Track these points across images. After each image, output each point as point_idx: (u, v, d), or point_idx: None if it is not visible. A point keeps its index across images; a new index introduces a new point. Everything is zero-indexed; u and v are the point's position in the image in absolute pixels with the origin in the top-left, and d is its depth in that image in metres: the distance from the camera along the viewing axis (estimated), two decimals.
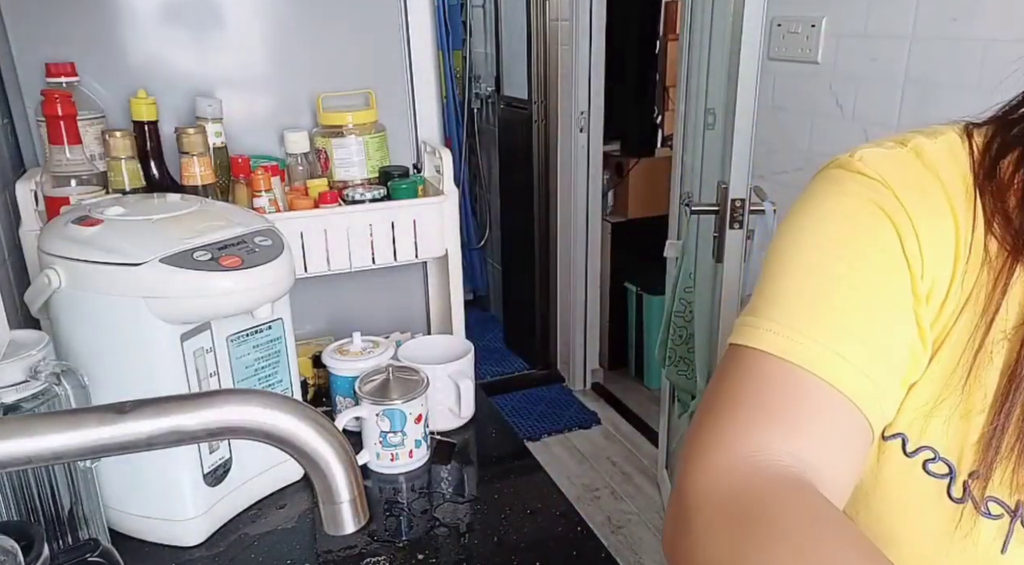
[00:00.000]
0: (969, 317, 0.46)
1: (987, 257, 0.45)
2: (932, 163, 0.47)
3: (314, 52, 1.29)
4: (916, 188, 0.47)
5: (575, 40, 2.93)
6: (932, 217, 0.46)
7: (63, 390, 0.75)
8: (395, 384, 1.05)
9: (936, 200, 0.46)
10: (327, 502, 0.40)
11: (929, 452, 0.46)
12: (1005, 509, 0.44)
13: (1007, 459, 0.43)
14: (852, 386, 0.45)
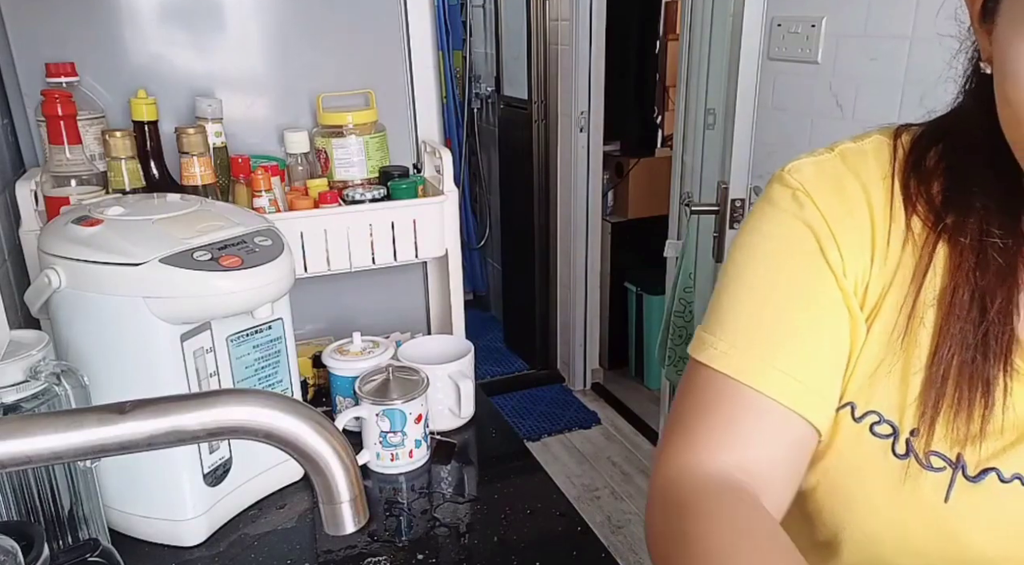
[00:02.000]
0: (899, 289, 0.51)
1: (911, 235, 0.51)
2: (853, 163, 0.54)
3: (314, 52, 1.29)
4: (835, 190, 0.53)
5: (575, 40, 2.93)
6: (848, 216, 0.53)
7: (63, 390, 0.75)
8: (395, 384, 1.05)
9: (853, 197, 0.53)
10: (327, 502, 0.40)
11: (875, 416, 0.51)
12: (947, 462, 0.48)
13: (945, 415, 0.47)
14: (790, 396, 0.51)
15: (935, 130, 0.54)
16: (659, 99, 3.25)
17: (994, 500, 0.47)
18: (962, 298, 0.48)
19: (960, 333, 0.48)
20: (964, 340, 0.48)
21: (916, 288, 0.50)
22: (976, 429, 0.47)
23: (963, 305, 0.48)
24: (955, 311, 0.49)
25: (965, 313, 0.48)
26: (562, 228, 3.28)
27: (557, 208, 3.27)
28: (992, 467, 0.47)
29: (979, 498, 0.47)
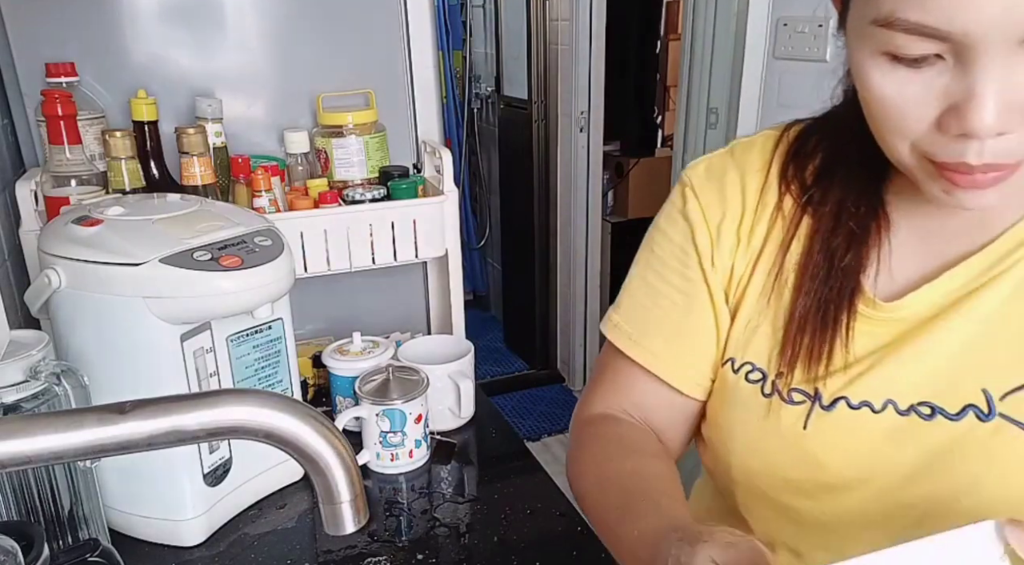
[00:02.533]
0: (768, 257, 0.61)
1: (780, 213, 0.60)
2: (740, 156, 0.64)
3: (314, 52, 1.29)
4: (716, 184, 0.64)
5: (575, 40, 2.93)
6: (721, 205, 0.63)
7: (63, 390, 0.75)
8: (395, 384, 1.05)
9: (730, 187, 0.63)
10: (327, 502, 0.40)
11: (749, 366, 0.60)
12: (806, 396, 0.56)
13: (803, 357, 0.56)
14: (655, 367, 0.66)
15: (819, 122, 0.62)
16: (660, 99, 3.25)
17: (844, 425, 0.54)
18: (815, 258, 0.57)
19: (812, 287, 0.57)
20: (815, 293, 0.56)
21: (782, 255, 0.59)
22: (828, 366, 0.56)
23: (816, 264, 0.57)
24: (808, 270, 0.57)
25: (816, 270, 0.57)
26: (562, 228, 3.28)
27: (557, 208, 3.27)
28: (842, 396, 0.55)
29: (831, 423, 0.55)
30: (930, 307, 0.53)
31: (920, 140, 0.46)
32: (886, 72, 0.45)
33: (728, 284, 0.63)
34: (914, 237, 0.56)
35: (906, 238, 0.56)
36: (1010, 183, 0.46)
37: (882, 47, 0.44)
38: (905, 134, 0.47)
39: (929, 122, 0.45)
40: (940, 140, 0.45)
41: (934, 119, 0.45)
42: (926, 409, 0.52)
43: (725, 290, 0.63)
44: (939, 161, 0.46)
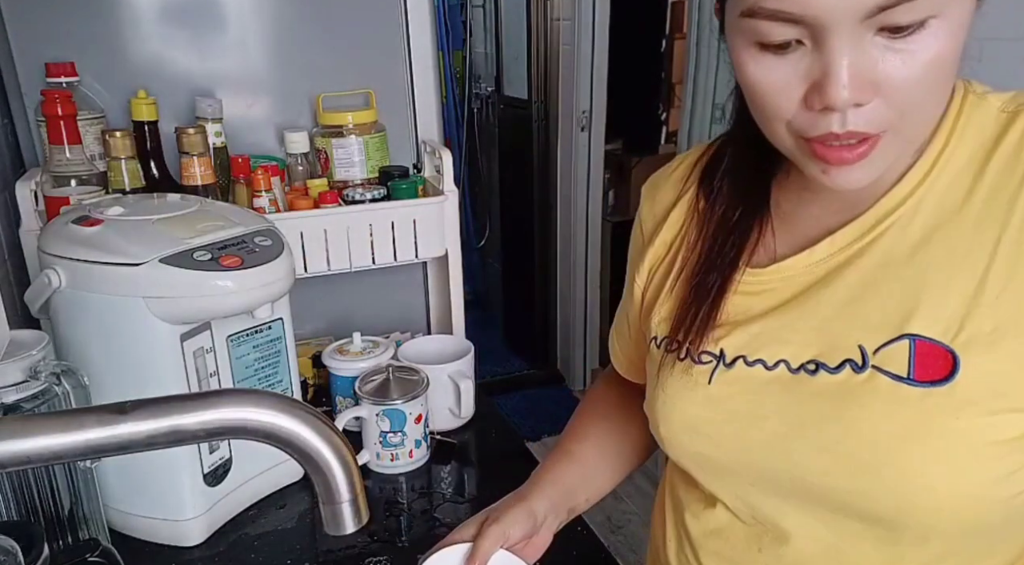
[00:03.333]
0: (677, 247, 0.71)
1: (697, 212, 0.70)
2: (684, 160, 0.75)
3: (314, 52, 1.29)
4: (654, 190, 0.76)
5: (577, 39, 2.93)
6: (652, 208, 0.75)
7: (63, 390, 0.75)
8: (395, 384, 1.05)
9: (663, 194, 0.75)
10: (327, 502, 0.40)
11: (668, 340, 0.68)
12: (712, 356, 0.64)
13: (693, 324, 0.65)
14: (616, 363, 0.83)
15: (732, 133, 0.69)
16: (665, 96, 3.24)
17: (741, 379, 0.62)
18: (703, 240, 0.68)
19: (699, 262, 0.67)
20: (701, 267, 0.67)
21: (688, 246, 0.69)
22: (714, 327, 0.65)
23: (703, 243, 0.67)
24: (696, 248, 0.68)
25: (703, 248, 0.67)
26: (562, 228, 3.28)
27: (557, 208, 3.27)
28: (741, 355, 0.63)
29: (730, 378, 0.63)
30: (812, 272, 0.61)
31: (793, 120, 0.52)
32: (757, 60, 0.52)
33: (647, 281, 0.73)
34: (797, 218, 0.64)
35: (790, 220, 0.65)
36: (873, 161, 0.52)
37: (751, 37, 0.52)
38: (779, 115, 0.53)
39: (797, 101, 0.51)
40: (808, 117, 0.51)
41: (801, 98, 0.51)
42: (812, 366, 0.59)
43: (644, 286, 0.74)
44: (811, 137, 0.52)
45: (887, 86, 0.49)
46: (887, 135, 0.51)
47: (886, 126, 0.51)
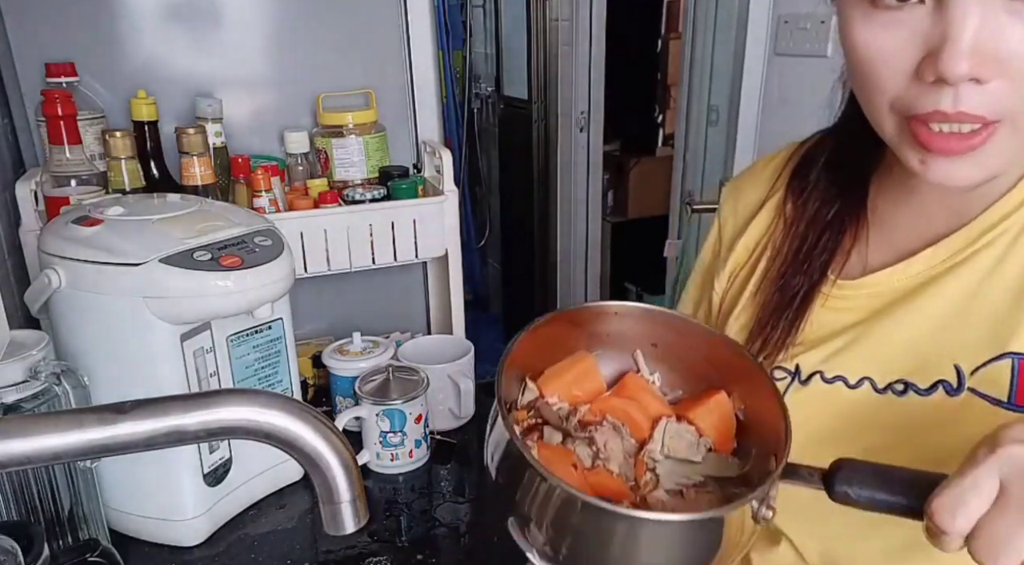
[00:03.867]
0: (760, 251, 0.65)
1: (784, 217, 0.64)
2: (757, 169, 0.70)
3: (314, 52, 1.29)
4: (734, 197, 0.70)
5: (575, 40, 2.93)
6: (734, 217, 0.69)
7: (63, 390, 0.75)
8: (395, 384, 1.05)
9: (743, 199, 0.69)
10: (327, 502, 0.40)
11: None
12: (787, 372, 0.60)
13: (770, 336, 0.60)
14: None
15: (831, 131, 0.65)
16: (660, 98, 3.24)
17: (817, 397, 0.57)
18: (787, 246, 0.62)
19: (781, 270, 0.62)
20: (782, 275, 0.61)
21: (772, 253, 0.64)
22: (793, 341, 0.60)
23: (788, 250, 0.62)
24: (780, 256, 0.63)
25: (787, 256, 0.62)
26: (562, 228, 3.28)
27: (557, 208, 3.26)
28: (818, 371, 0.58)
29: (805, 396, 0.58)
30: (905, 285, 0.55)
31: (899, 95, 0.47)
32: (869, 19, 0.46)
33: (726, 286, 0.68)
34: (895, 224, 0.58)
35: (887, 225, 0.59)
36: (982, 158, 0.46)
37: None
38: (885, 87, 0.47)
39: (907, 72, 0.45)
40: (916, 90, 0.46)
41: (912, 68, 0.45)
42: (900, 386, 0.54)
43: (723, 292, 0.68)
44: (916, 114, 0.46)
45: (1014, 64, 0.43)
46: (1003, 127, 0.45)
47: (1004, 114, 0.44)
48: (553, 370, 0.58)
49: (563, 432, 0.55)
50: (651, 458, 0.54)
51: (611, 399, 0.57)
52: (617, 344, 0.59)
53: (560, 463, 0.52)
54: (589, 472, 0.53)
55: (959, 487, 0.38)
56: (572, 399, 0.57)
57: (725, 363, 0.56)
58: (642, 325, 0.58)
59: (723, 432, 0.56)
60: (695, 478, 0.54)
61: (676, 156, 2.36)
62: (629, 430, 0.56)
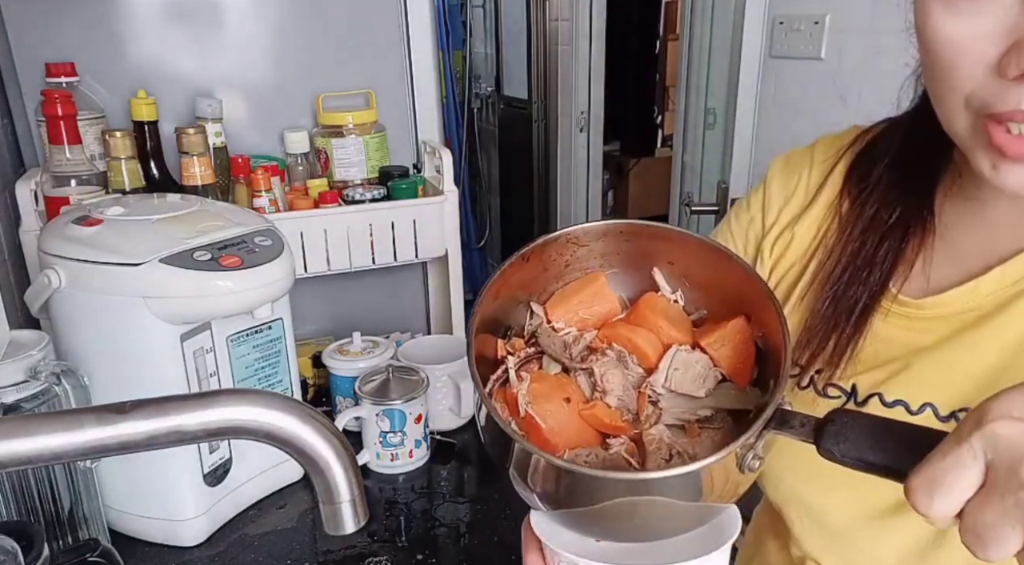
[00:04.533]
0: (812, 251, 0.60)
1: (839, 212, 0.59)
2: (817, 149, 0.64)
3: (314, 52, 1.29)
4: (787, 174, 0.65)
5: (575, 40, 2.93)
6: (783, 196, 0.64)
7: (63, 390, 0.75)
8: (395, 384, 1.05)
9: (796, 179, 0.63)
10: (327, 502, 0.40)
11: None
12: (842, 391, 0.56)
13: (823, 353, 0.56)
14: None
15: (900, 121, 0.60)
16: (659, 99, 3.25)
17: None
18: (846, 254, 0.57)
19: (838, 281, 0.57)
20: (839, 287, 0.56)
21: (825, 253, 0.59)
22: (851, 360, 0.55)
23: (846, 259, 0.57)
24: (839, 264, 0.57)
25: (845, 265, 0.57)
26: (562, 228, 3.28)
27: (557, 208, 3.27)
28: (876, 392, 0.54)
29: None
30: (973, 307, 0.51)
31: (976, 91, 0.43)
32: (949, 3, 0.42)
33: (769, 277, 0.63)
34: (961, 237, 0.54)
35: (952, 238, 0.54)
36: None
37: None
38: (961, 83, 0.43)
39: (987, 66, 0.42)
40: (996, 87, 0.42)
41: (993, 61, 0.41)
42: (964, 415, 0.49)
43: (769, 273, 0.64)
44: (994, 113, 0.42)
45: None
46: None
47: None
48: (562, 293, 0.55)
49: (562, 363, 0.53)
50: (653, 390, 0.51)
51: (619, 325, 0.54)
52: (634, 263, 0.56)
53: (550, 398, 0.50)
54: (584, 405, 0.51)
55: (937, 466, 0.34)
56: (580, 323, 0.55)
57: (739, 285, 0.52)
58: (655, 243, 0.55)
59: (740, 362, 0.52)
60: (702, 412, 0.51)
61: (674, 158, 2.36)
62: (636, 359, 0.53)
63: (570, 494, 0.46)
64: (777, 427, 0.44)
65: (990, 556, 0.33)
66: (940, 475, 0.33)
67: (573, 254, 0.55)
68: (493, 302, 0.52)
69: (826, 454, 0.41)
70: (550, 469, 0.46)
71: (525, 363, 0.53)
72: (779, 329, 0.48)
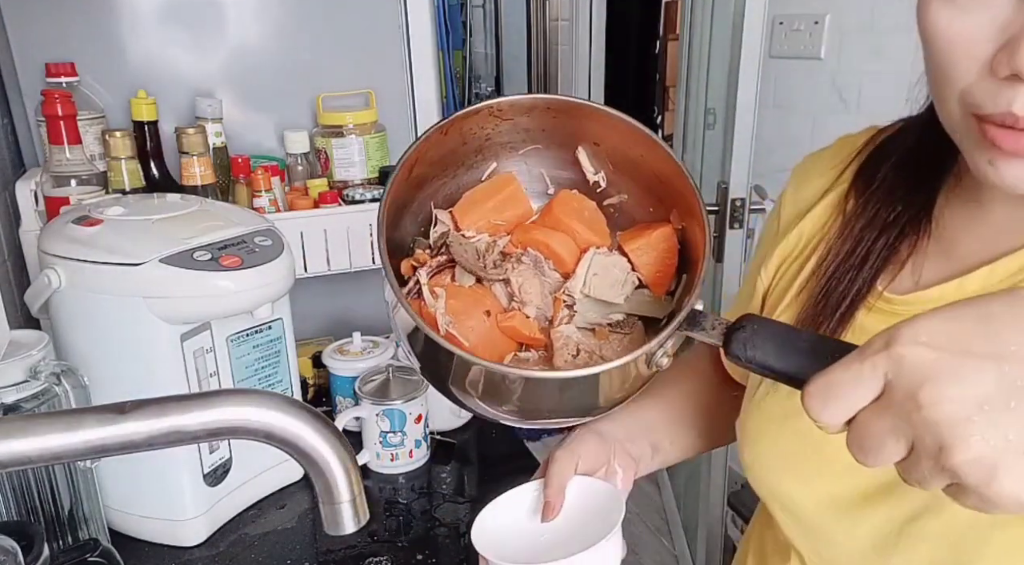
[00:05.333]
0: (814, 246, 0.60)
1: (843, 211, 0.59)
2: (835, 147, 0.64)
3: (314, 52, 1.29)
4: (806, 172, 0.65)
5: (575, 40, 2.93)
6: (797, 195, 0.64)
7: (63, 390, 0.75)
8: (395, 384, 1.05)
9: (812, 178, 0.63)
10: (327, 502, 0.40)
11: None
12: None
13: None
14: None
15: (913, 121, 0.59)
16: (659, 99, 3.24)
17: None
18: (838, 252, 0.57)
19: (828, 276, 0.56)
20: (828, 282, 0.56)
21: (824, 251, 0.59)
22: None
23: (835, 256, 0.57)
24: (828, 261, 0.57)
25: (833, 261, 0.57)
26: None
27: None
28: None
29: None
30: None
31: (969, 88, 0.42)
32: (947, 2, 0.42)
33: (773, 277, 0.64)
34: (958, 238, 0.53)
35: (950, 238, 0.54)
36: None
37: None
38: (954, 80, 0.43)
39: (980, 63, 0.41)
40: (988, 87, 0.41)
41: (987, 59, 0.41)
42: None
43: (769, 283, 0.64)
44: (985, 114, 0.42)
45: None
46: None
47: None
48: (471, 197, 0.53)
49: (476, 274, 0.51)
50: (568, 294, 0.50)
51: (534, 229, 0.52)
52: (558, 141, 0.53)
53: (470, 314, 0.49)
54: (502, 316, 0.50)
55: (837, 376, 0.34)
56: (493, 229, 0.52)
57: (667, 176, 0.51)
58: (583, 122, 0.52)
59: (661, 270, 0.52)
60: (614, 317, 0.50)
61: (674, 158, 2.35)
62: (553, 264, 0.51)
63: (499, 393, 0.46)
64: (689, 328, 0.45)
65: (869, 463, 0.34)
66: (837, 385, 0.34)
67: (495, 128, 0.52)
68: (406, 180, 0.49)
69: (732, 359, 0.42)
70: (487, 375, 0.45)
71: (436, 273, 0.51)
72: (701, 231, 0.49)
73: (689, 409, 0.72)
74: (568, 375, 0.44)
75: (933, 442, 0.31)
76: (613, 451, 0.64)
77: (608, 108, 0.51)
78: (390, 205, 0.48)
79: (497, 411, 0.48)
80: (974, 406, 0.30)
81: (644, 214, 0.55)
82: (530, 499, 0.61)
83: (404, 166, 0.48)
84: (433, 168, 0.52)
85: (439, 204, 0.54)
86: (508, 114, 0.52)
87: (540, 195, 0.56)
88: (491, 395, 0.46)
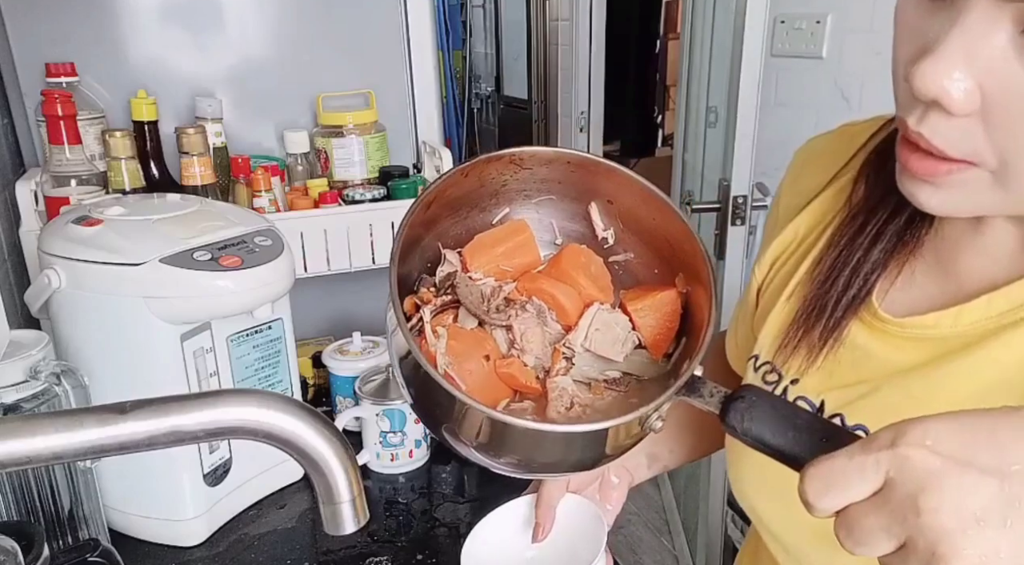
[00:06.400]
0: (813, 242, 0.57)
1: (849, 205, 0.55)
2: (852, 130, 0.60)
3: (314, 52, 1.29)
4: (804, 166, 0.62)
5: (575, 40, 2.93)
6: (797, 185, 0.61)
7: (63, 390, 0.75)
8: (395, 384, 1.05)
9: (815, 167, 0.60)
10: (327, 502, 0.40)
11: (768, 366, 0.58)
12: (810, 405, 0.53)
13: (811, 356, 0.53)
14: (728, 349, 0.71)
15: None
16: (659, 98, 3.25)
17: None
18: (833, 255, 0.54)
19: (820, 283, 0.54)
20: (821, 290, 0.54)
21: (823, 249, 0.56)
22: (826, 372, 0.53)
23: (830, 261, 0.54)
24: (821, 265, 0.55)
25: (827, 267, 0.54)
26: None
27: None
28: (838, 414, 0.52)
29: None
30: (953, 334, 0.48)
31: (895, 87, 0.41)
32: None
33: (767, 273, 0.62)
34: (955, 260, 0.50)
35: (947, 259, 0.51)
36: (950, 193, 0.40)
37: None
38: (897, 80, 0.41)
39: (904, 65, 0.39)
40: (903, 90, 0.40)
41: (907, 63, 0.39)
42: None
43: (763, 279, 0.62)
44: (901, 120, 0.41)
45: (994, 105, 0.37)
46: (976, 173, 0.39)
47: (974, 159, 0.39)
48: (483, 239, 0.53)
49: (479, 317, 0.51)
50: (568, 346, 0.50)
51: (541, 278, 0.52)
52: (572, 195, 0.54)
53: (470, 356, 0.49)
54: (501, 361, 0.50)
55: (840, 466, 0.34)
56: (500, 274, 0.53)
57: (677, 240, 0.51)
58: (600, 180, 0.53)
59: (661, 333, 0.52)
60: (610, 373, 0.51)
61: (675, 157, 2.36)
62: (556, 315, 0.52)
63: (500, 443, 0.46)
64: (687, 394, 0.44)
65: (857, 553, 0.34)
66: (840, 475, 0.34)
67: (513, 175, 0.53)
68: (424, 214, 0.50)
69: (729, 430, 0.42)
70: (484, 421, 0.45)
71: (440, 312, 0.51)
72: (707, 297, 0.48)
73: (687, 417, 0.70)
74: (560, 429, 0.44)
75: (927, 548, 0.31)
76: (607, 465, 0.63)
77: (626, 169, 0.52)
78: (405, 239, 0.48)
79: (470, 451, 0.48)
80: (972, 519, 0.31)
81: (648, 275, 0.56)
82: (520, 515, 0.62)
83: (423, 203, 0.49)
84: (448, 208, 0.53)
85: (448, 244, 0.54)
86: (528, 163, 0.52)
87: (547, 244, 0.57)
88: (476, 437, 0.46)
